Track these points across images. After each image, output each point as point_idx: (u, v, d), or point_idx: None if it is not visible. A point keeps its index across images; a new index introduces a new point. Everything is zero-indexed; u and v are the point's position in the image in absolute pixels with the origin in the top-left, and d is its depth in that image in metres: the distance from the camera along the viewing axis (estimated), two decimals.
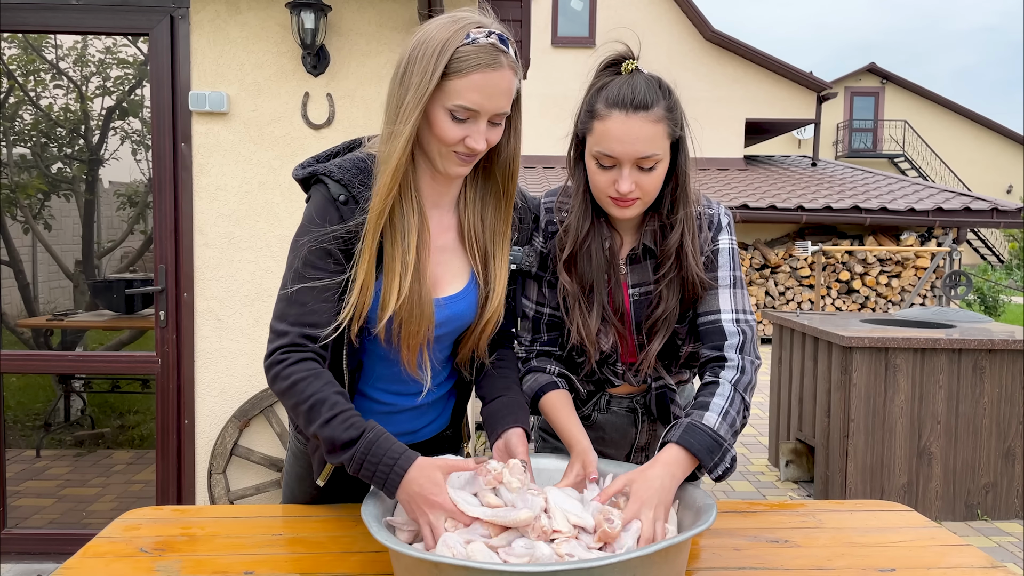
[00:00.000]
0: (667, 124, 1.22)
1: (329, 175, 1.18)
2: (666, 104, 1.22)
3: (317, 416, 1.10)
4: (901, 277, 9.78)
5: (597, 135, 1.23)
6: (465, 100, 1.10)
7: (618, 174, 1.22)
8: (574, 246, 1.31)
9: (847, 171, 12.18)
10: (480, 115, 1.12)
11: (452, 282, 1.25)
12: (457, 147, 1.14)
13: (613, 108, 1.20)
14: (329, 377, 1.15)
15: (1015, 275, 15.02)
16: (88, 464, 3.34)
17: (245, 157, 2.84)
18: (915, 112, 21.73)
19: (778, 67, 12.14)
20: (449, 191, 1.25)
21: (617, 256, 1.35)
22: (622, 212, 1.27)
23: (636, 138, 1.19)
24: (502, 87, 1.12)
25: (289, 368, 1.13)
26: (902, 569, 1.14)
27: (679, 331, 1.38)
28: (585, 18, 12.12)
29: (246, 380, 2.90)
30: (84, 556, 1.16)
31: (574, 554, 0.99)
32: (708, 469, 1.17)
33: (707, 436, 1.17)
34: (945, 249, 5.82)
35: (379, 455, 1.07)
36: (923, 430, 3.68)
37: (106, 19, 2.79)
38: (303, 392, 1.11)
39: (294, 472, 1.44)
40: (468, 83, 1.10)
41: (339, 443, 1.08)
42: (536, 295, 1.39)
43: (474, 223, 1.26)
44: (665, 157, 1.24)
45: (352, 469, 1.08)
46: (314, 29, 2.68)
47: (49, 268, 3.24)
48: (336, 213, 1.16)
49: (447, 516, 1.03)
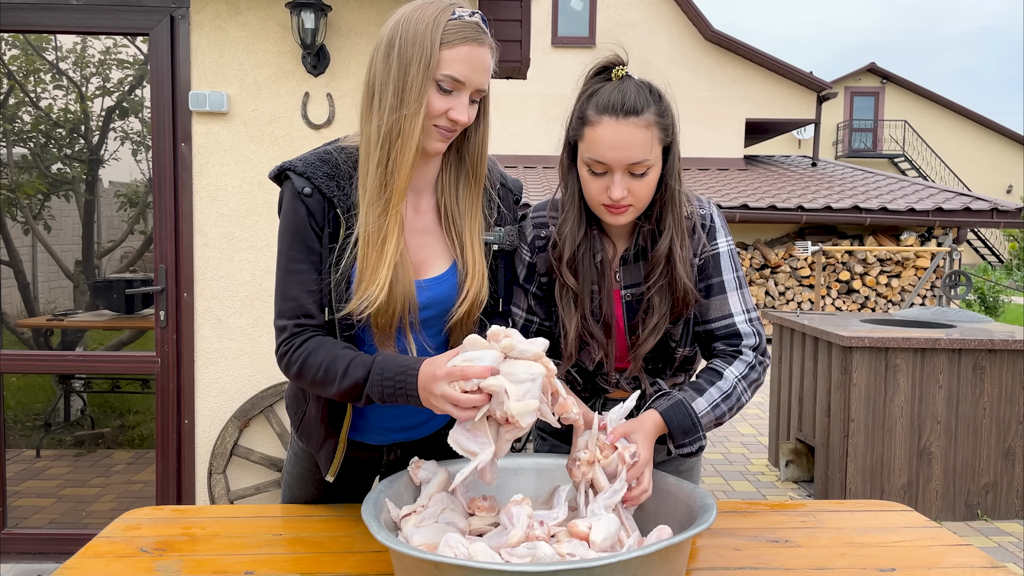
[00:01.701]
0: (658, 129, 1.21)
1: (292, 169, 1.21)
2: (656, 109, 1.21)
3: (334, 376, 1.15)
4: (901, 277, 9.78)
5: (588, 142, 1.22)
6: (453, 71, 1.14)
7: (610, 180, 1.22)
8: (572, 252, 1.31)
9: (847, 171, 12.17)
10: (465, 87, 1.16)
11: (435, 264, 1.27)
12: (440, 120, 1.16)
13: (603, 114, 1.20)
14: (333, 341, 1.19)
15: (1015, 275, 15.02)
16: (88, 464, 3.34)
17: (245, 157, 2.84)
18: (915, 112, 21.73)
19: (778, 67, 12.13)
20: (426, 174, 1.27)
21: (608, 266, 1.35)
22: (615, 219, 1.27)
23: (627, 144, 1.19)
24: (485, 63, 1.17)
25: (296, 351, 1.19)
26: (902, 569, 1.14)
27: (672, 333, 1.37)
28: (585, 18, 12.11)
29: (246, 380, 2.90)
30: (84, 556, 1.16)
31: (575, 554, 0.99)
32: (675, 445, 1.26)
33: (689, 420, 1.25)
34: (945, 249, 5.82)
35: (392, 372, 1.11)
36: (923, 430, 3.68)
37: (106, 19, 2.79)
38: (314, 363, 1.17)
39: (295, 472, 1.44)
40: (456, 54, 1.13)
41: (359, 383, 1.13)
42: (525, 305, 1.39)
43: (451, 205, 1.28)
44: (657, 163, 1.24)
45: (377, 396, 1.13)
46: (314, 29, 2.68)
47: (49, 268, 3.24)
48: (303, 206, 1.19)
49: (456, 380, 1.03)
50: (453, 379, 1.02)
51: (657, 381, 1.42)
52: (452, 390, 1.02)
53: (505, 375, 1.03)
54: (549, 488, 1.25)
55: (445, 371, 1.03)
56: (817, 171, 12.17)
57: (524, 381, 1.02)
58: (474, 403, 1.02)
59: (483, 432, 1.04)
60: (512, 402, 1.01)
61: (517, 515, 1.05)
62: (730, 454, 4.94)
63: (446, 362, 1.05)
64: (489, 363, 1.02)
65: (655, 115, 1.21)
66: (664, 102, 1.24)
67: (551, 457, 1.32)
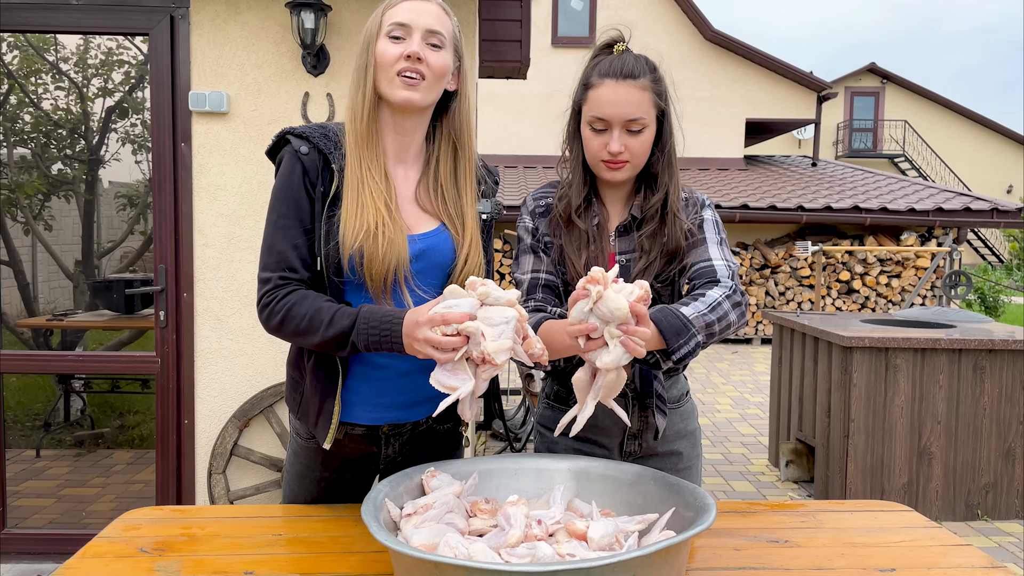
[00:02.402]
0: (652, 93, 1.37)
1: (292, 132, 1.32)
2: (652, 77, 1.38)
3: (319, 324, 1.22)
4: (901, 277, 9.78)
5: (591, 103, 1.38)
6: (396, 18, 1.29)
7: (609, 137, 1.37)
8: (576, 206, 1.43)
9: (847, 171, 12.18)
10: (411, 29, 1.28)
11: (425, 224, 1.36)
12: (398, 64, 1.27)
13: (605, 77, 1.37)
14: (316, 294, 1.26)
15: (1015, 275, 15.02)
16: (88, 464, 3.34)
17: (245, 157, 2.84)
18: (915, 112, 21.73)
19: (778, 67, 12.13)
20: (410, 147, 1.37)
21: (604, 229, 1.46)
22: (613, 175, 1.40)
23: (625, 102, 1.35)
24: (430, 10, 1.30)
25: (280, 302, 1.25)
26: (902, 569, 1.14)
27: (662, 293, 1.46)
28: (585, 18, 12.12)
29: (246, 380, 2.90)
30: (84, 556, 1.16)
31: (575, 554, 0.99)
32: (669, 349, 1.24)
33: (678, 321, 1.25)
34: (945, 249, 5.81)
35: (378, 321, 1.19)
36: (923, 430, 3.68)
37: (106, 19, 2.78)
38: (298, 314, 1.24)
39: (294, 470, 1.45)
40: (397, 8, 1.30)
41: (345, 331, 1.20)
42: (531, 264, 1.48)
43: (440, 177, 1.38)
44: (651, 124, 1.39)
45: (363, 344, 1.20)
46: (314, 29, 2.68)
47: (49, 268, 3.24)
48: (299, 164, 1.29)
49: (438, 325, 1.10)
50: (434, 324, 1.11)
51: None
52: (434, 334, 1.10)
53: (482, 320, 1.11)
54: (548, 488, 1.25)
55: (427, 317, 1.11)
56: (817, 171, 12.17)
57: (499, 324, 1.11)
58: (454, 345, 1.10)
59: (463, 370, 1.12)
60: (488, 342, 1.09)
61: (514, 515, 1.05)
62: (730, 454, 4.94)
63: (428, 310, 1.13)
64: (467, 310, 1.11)
65: (651, 81, 1.37)
66: (659, 73, 1.41)
67: (551, 458, 1.32)
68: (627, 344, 1.13)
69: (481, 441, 3.92)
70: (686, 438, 1.55)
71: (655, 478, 1.20)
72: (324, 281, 1.29)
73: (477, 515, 1.13)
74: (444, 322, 1.10)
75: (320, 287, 1.30)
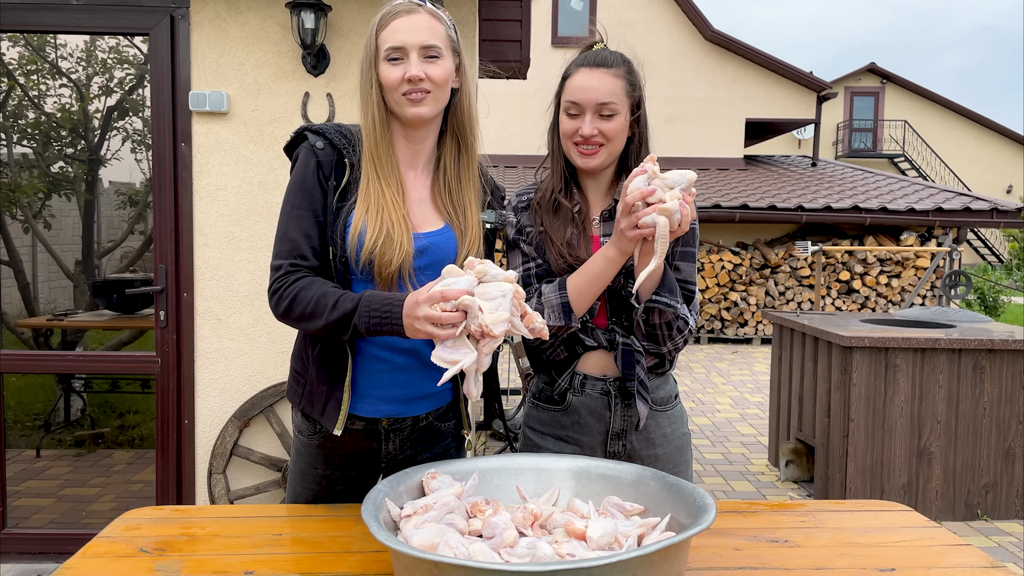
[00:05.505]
0: (626, 83, 1.43)
1: (309, 128, 1.38)
2: (626, 68, 1.44)
3: (323, 308, 1.26)
4: (901, 277, 9.78)
5: (567, 91, 1.45)
6: (391, 41, 1.32)
7: (582, 121, 1.42)
8: (553, 193, 1.48)
9: (847, 171, 12.17)
10: (408, 50, 1.32)
11: (431, 223, 1.40)
12: (401, 87, 1.32)
13: (580, 66, 1.45)
14: (323, 280, 1.30)
15: (1015, 275, 15.02)
16: (88, 464, 3.34)
17: (245, 157, 2.84)
18: (915, 112, 21.72)
19: (778, 67, 12.13)
20: (421, 152, 1.42)
21: (587, 217, 1.50)
22: (586, 161, 1.44)
23: (597, 87, 1.41)
24: (420, 24, 1.33)
25: (289, 288, 1.29)
26: (902, 569, 1.14)
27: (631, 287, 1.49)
28: (585, 18, 12.11)
29: (246, 380, 2.90)
30: (84, 556, 1.16)
31: (575, 554, 0.99)
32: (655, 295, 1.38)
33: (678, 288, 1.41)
34: (945, 249, 5.82)
35: (379, 304, 1.23)
36: (923, 430, 3.68)
37: (106, 19, 2.79)
38: (304, 298, 1.27)
39: (297, 469, 1.45)
40: (390, 29, 1.33)
41: (347, 314, 1.24)
42: (520, 259, 1.51)
43: (449, 181, 1.42)
44: (624, 112, 1.43)
45: (364, 327, 1.24)
46: (314, 29, 2.68)
47: (49, 268, 3.24)
48: (315, 158, 1.35)
49: (437, 302, 1.14)
50: (434, 302, 1.14)
51: (625, 336, 1.45)
52: (433, 311, 1.13)
53: (479, 295, 1.14)
54: (548, 488, 1.25)
55: (426, 295, 1.15)
56: (817, 171, 12.17)
57: (496, 297, 1.14)
58: (453, 320, 1.13)
59: (464, 345, 1.15)
60: (486, 315, 1.12)
61: (499, 523, 1.05)
62: (730, 454, 4.94)
63: (427, 291, 1.17)
64: (464, 287, 1.14)
65: (624, 72, 1.44)
66: (633, 66, 1.47)
67: (551, 458, 1.32)
68: (685, 199, 1.24)
69: (481, 441, 3.92)
70: (673, 442, 1.53)
71: (655, 478, 1.20)
72: (332, 270, 1.34)
73: (477, 516, 1.13)
74: (443, 298, 1.13)
75: (330, 275, 1.34)
